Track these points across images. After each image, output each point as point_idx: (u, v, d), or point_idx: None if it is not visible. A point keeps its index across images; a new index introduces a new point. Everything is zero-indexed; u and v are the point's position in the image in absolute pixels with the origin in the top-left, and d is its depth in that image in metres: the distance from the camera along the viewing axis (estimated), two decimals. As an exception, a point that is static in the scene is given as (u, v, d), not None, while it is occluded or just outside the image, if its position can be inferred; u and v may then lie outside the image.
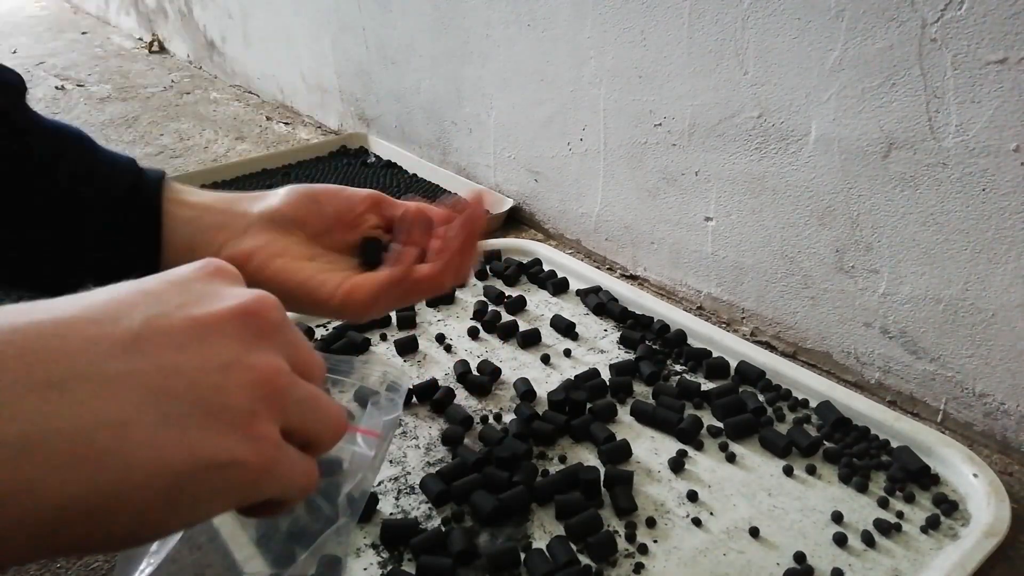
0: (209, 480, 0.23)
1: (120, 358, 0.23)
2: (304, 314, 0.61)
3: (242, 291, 0.27)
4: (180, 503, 0.23)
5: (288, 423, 0.26)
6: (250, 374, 0.25)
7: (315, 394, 0.28)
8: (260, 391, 0.25)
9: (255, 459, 0.24)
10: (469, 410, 0.60)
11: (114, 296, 0.24)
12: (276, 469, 0.25)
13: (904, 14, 0.52)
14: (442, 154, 1.10)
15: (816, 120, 0.60)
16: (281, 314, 0.27)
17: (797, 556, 0.47)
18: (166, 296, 0.25)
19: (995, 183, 0.51)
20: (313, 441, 0.28)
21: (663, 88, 0.72)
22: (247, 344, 0.25)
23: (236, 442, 0.24)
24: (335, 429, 0.29)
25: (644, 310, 0.72)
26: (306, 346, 0.29)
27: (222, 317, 0.25)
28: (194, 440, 0.23)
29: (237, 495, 0.25)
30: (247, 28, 1.56)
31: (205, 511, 0.24)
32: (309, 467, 0.27)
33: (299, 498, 0.27)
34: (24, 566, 0.51)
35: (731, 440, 0.57)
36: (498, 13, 0.88)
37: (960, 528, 0.49)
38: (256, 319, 0.26)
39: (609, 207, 0.84)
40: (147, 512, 0.22)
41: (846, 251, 0.62)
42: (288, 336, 0.27)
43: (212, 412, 0.23)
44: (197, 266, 0.27)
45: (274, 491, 0.26)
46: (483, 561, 0.47)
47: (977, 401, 0.58)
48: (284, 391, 0.26)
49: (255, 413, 0.25)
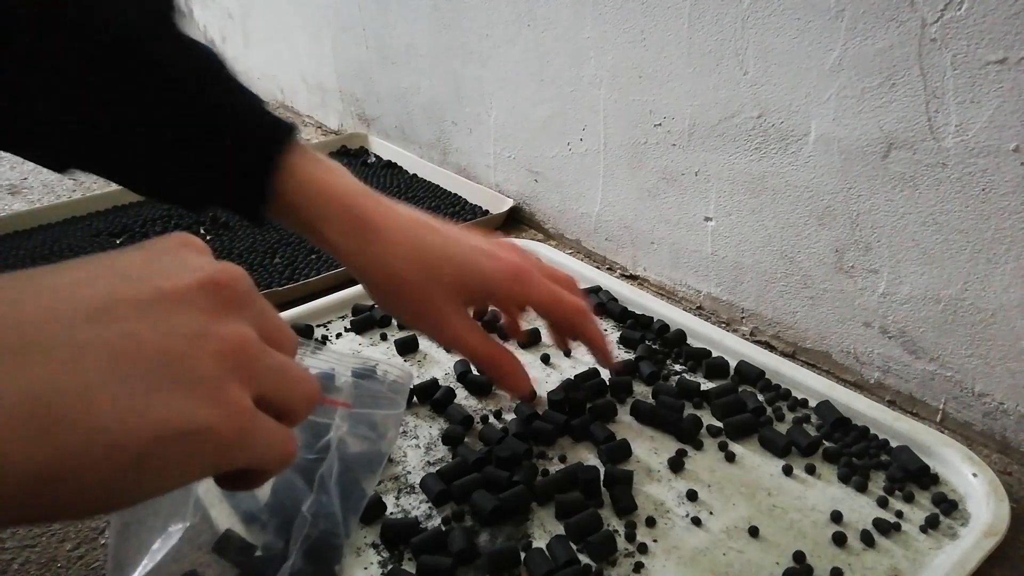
0: (178, 447, 0.23)
1: (84, 327, 0.22)
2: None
3: (210, 262, 0.27)
4: (148, 469, 0.23)
5: (260, 391, 0.26)
6: (218, 343, 0.25)
7: (286, 363, 0.28)
8: (229, 359, 0.25)
9: (225, 425, 0.24)
10: (469, 410, 0.60)
11: (80, 268, 0.24)
12: (249, 436, 0.25)
13: (904, 14, 0.52)
14: (442, 154, 1.10)
15: (816, 120, 0.60)
16: (248, 284, 0.27)
17: (796, 555, 0.47)
18: (133, 268, 0.25)
19: (995, 183, 0.52)
20: (287, 410, 0.28)
21: (663, 88, 0.72)
22: (215, 314, 0.25)
23: (204, 408, 0.24)
24: (309, 398, 0.29)
25: (644, 310, 0.72)
26: (275, 316, 0.29)
27: (189, 288, 0.25)
28: (160, 407, 0.23)
29: (209, 461, 0.25)
30: (247, 28, 1.56)
31: (176, 478, 0.24)
32: (286, 435, 0.27)
33: (278, 467, 0.27)
34: (21, 558, 0.51)
35: (731, 440, 0.57)
36: (498, 13, 0.88)
37: (959, 528, 0.49)
38: (224, 289, 0.26)
39: (609, 207, 0.84)
40: (116, 479, 0.22)
41: (846, 251, 0.62)
42: (257, 306, 0.28)
43: (179, 379, 0.23)
44: (165, 239, 0.28)
45: (249, 459, 0.26)
46: (483, 560, 0.47)
47: (976, 401, 0.58)
48: (254, 359, 0.26)
49: (224, 380, 0.25)
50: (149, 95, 0.43)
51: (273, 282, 0.80)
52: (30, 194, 1.14)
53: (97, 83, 0.42)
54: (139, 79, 0.43)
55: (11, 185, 1.18)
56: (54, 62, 0.41)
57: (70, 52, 0.41)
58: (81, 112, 0.42)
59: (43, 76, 0.41)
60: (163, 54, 0.44)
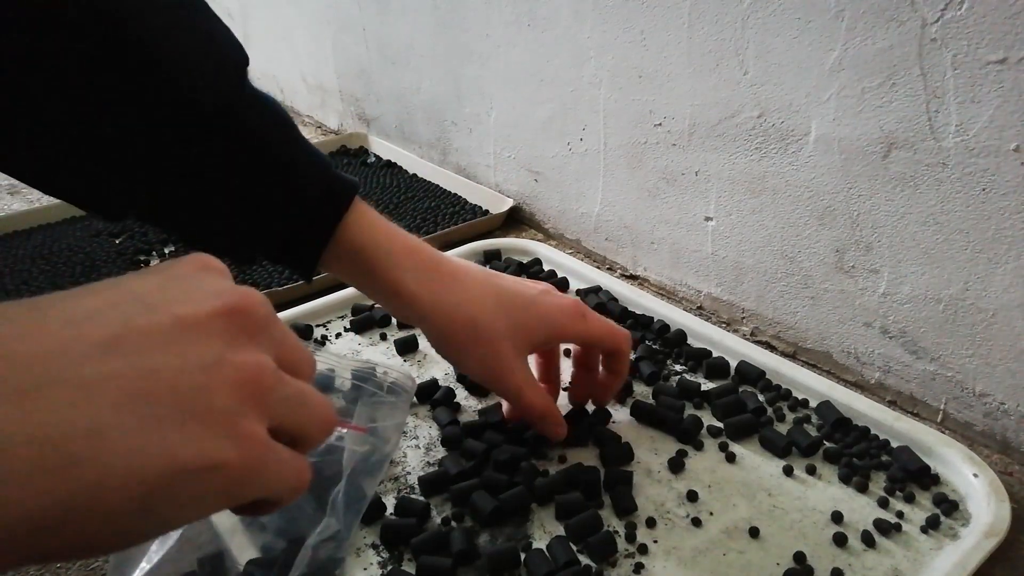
0: (191, 484, 0.23)
1: (97, 360, 0.22)
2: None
3: (229, 287, 0.26)
4: (159, 507, 0.22)
5: (275, 421, 0.26)
6: (234, 373, 0.24)
7: (303, 390, 0.27)
8: (245, 390, 0.24)
9: (240, 459, 0.24)
10: (469, 410, 0.60)
11: (96, 295, 0.24)
12: (264, 468, 0.25)
13: (904, 14, 0.52)
14: (442, 154, 1.10)
15: (816, 120, 0.60)
16: (267, 310, 0.27)
17: (797, 556, 0.47)
18: (150, 294, 0.25)
19: (995, 183, 0.51)
20: (302, 437, 0.27)
21: (663, 88, 0.72)
22: (232, 342, 0.25)
23: (219, 443, 0.23)
24: (324, 424, 0.28)
25: (644, 310, 0.72)
26: (294, 342, 0.28)
27: (207, 315, 0.25)
28: (174, 444, 0.22)
29: (222, 496, 0.24)
30: (247, 28, 1.56)
31: (188, 514, 0.24)
32: (300, 465, 0.27)
33: (291, 498, 0.27)
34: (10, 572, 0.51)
35: (731, 440, 0.57)
36: (498, 13, 0.88)
37: (960, 528, 0.49)
38: (242, 316, 0.26)
39: (609, 207, 0.84)
40: (125, 518, 0.22)
41: (846, 251, 0.62)
42: (275, 333, 0.27)
43: (194, 414, 0.23)
44: (184, 261, 0.27)
45: (263, 490, 0.25)
46: (483, 561, 0.46)
47: (977, 401, 0.58)
48: (270, 389, 0.25)
49: (240, 412, 0.24)
50: (236, 159, 0.44)
51: (273, 282, 0.80)
52: (30, 194, 1.14)
53: (188, 155, 0.42)
54: (229, 147, 0.44)
55: (11, 185, 1.18)
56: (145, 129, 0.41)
57: (159, 117, 0.41)
58: (166, 174, 0.43)
59: (131, 141, 0.41)
60: (249, 121, 0.44)
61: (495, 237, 0.90)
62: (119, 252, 0.91)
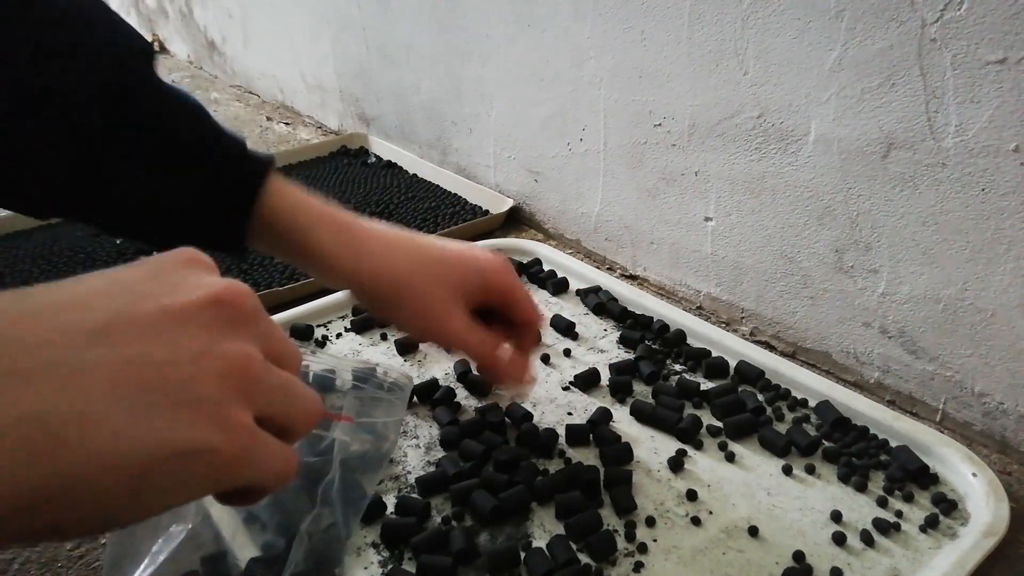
0: (176, 468, 0.23)
1: (87, 348, 0.22)
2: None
3: (216, 280, 0.27)
4: (146, 490, 0.23)
5: (262, 410, 0.26)
6: (221, 363, 0.25)
7: (289, 381, 0.28)
8: (232, 379, 0.25)
9: (227, 446, 0.24)
10: (470, 409, 0.60)
11: (86, 285, 0.24)
12: (250, 456, 0.25)
13: (904, 14, 0.52)
14: (442, 154, 1.10)
15: (816, 120, 0.60)
16: (254, 302, 0.28)
17: (796, 555, 0.47)
18: (139, 285, 0.25)
19: (995, 183, 0.52)
20: (288, 427, 0.28)
21: (663, 88, 0.72)
22: (219, 333, 0.25)
23: (206, 430, 0.24)
24: (310, 415, 0.29)
25: (644, 310, 0.72)
26: (280, 334, 0.29)
27: (194, 306, 0.25)
28: (162, 430, 0.23)
29: (210, 482, 0.25)
30: (247, 28, 1.56)
31: (174, 497, 0.24)
32: (286, 454, 0.27)
33: (277, 486, 0.27)
34: (21, 558, 0.51)
35: (730, 439, 0.57)
36: (498, 13, 0.88)
37: (959, 527, 0.49)
38: (229, 308, 0.26)
39: (609, 207, 0.84)
40: (113, 500, 0.22)
41: (845, 251, 0.63)
42: (262, 324, 0.28)
43: (182, 401, 0.24)
44: (172, 255, 0.28)
45: (249, 478, 0.26)
46: (483, 560, 0.47)
47: (976, 401, 0.58)
48: (257, 379, 0.26)
49: (227, 401, 0.25)
50: (149, 141, 0.44)
51: (273, 282, 0.80)
52: (30, 194, 1.14)
53: (99, 139, 0.43)
54: (140, 129, 0.44)
55: (11, 185, 1.18)
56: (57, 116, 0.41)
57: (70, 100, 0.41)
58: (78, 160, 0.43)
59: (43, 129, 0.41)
60: (161, 104, 0.45)
61: (495, 237, 0.90)
62: (119, 252, 0.91)
